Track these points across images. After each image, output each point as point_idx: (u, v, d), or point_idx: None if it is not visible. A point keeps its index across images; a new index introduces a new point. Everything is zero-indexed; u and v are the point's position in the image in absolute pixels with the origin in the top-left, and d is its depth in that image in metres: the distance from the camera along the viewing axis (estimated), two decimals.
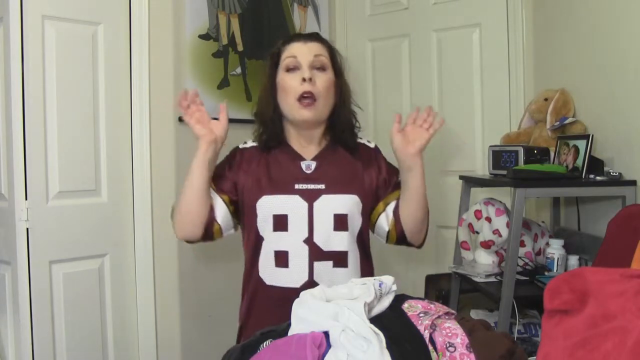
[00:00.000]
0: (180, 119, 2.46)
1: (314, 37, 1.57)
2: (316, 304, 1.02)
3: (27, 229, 2.07)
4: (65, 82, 2.16)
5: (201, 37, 2.54)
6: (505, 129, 2.54)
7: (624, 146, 1.93)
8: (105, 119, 2.29)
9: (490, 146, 2.23)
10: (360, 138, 1.64)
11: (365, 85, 3.06)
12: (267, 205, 1.50)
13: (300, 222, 1.48)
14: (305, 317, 1.02)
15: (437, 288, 2.53)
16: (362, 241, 1.56)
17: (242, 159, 1.58)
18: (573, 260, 2.01)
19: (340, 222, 1.50)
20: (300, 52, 1.52)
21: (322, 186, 1.51)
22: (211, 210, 1.52)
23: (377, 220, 1.57)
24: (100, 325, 2.28)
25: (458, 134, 2.78)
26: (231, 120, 2.62)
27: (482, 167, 2.63)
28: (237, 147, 1.62)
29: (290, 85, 1.50)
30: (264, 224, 1.50)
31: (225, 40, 2.64)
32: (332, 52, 1.58)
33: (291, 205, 1.49)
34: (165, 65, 2.41)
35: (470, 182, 2.40)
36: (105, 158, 2.29)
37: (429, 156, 2.85)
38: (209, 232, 1.53)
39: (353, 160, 1.58)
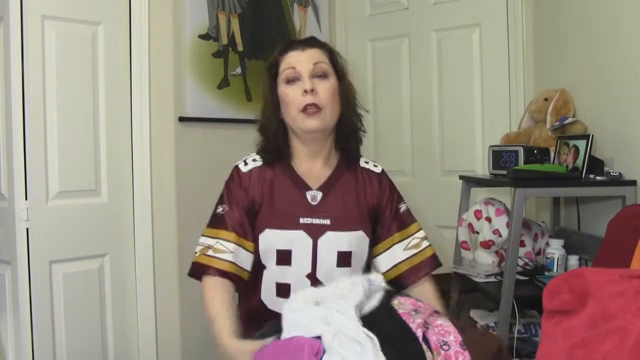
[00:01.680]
0: (180, 119, 2.46)
1: (312, 42, 1.51)
2: (306, 308, 1.01)
3: (27, 229, 2.07)
4: (65, 82, 2.16)
5: (201, 37, 2.54)
6: (505, 129, 2.54)
7: (624, 146, 1.93)
8: (105, 119, 2.29)
9: (490, 146, 2.23)
10: (367, 162, 1.58)
11: (365, 85, 3.06)
12: (271, 239, 1.45)
13: (303, 257, 1.44)
14: (296, 321, 1.01)
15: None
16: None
17: (249, 184, 1.48)
18: (573, 260, 2.01)
19: (344, 259, 1.45)
20: (298, 62, 1.45)
21: (328, 222, 1.44)
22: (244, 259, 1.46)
23: (377, 256, 1.53)
24: (100, 325, 2.28)
25: (458, 134, 2.78)
26: (231, 121, 2.66)
27: (482, 167, 2.63)
28: (237, 167, 1.52)
29: (292, 97, 1.43)
30: (267, 256, 1.46)
31: (225, 40, 2.64)
32: (333, 56, 1.51)
33: (295, 240, 1.44)
34: (165, 65, 2.41)
35: (470, 182, 2.40)
36: (105, 158, 2.29)
37: (429, 156, 2.89)
38: (241, 282, 1.47)
39: (358, 189, 1.51)
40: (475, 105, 2.74)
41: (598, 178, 1.89)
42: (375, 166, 1.58)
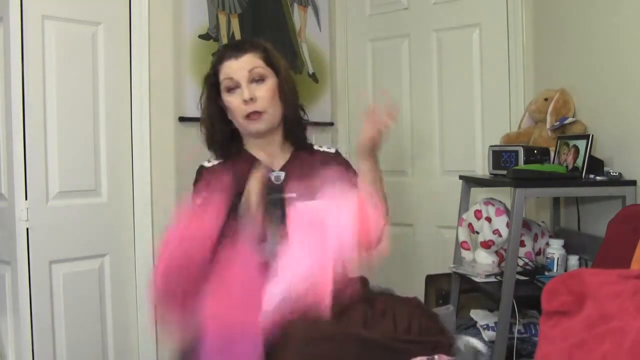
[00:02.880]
0: (181, 119, 2.46)
1: (245, 47, 1.57)
2: None
3: (27, 229, 2.07)
4: (65, 82, 2.16)
5: (201, 37, 2.54)
6: (505, 129, 2.54)
7: (624, 146, 1.93)
8: (105, 119, 2.29)
9: (490, 146, 2.23)
10: (321, 146, 1.68)
11: (365, 85, 3.06)
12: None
13: None
14: None
15: (437, 288, 2.53)
16: None
17: (212, 178, 1.55)
18: (573, 260, 2.01)
19: None
20: (234, 71, 1.53)
21: (294, 195, 1.52)
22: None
23: None
24: (100, 325, 2.28)
25: (458, 134, 2.78)
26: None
27: (482, 167, 2.63)
28: (202, 166, 1.64)
29: (235, 106, 1.53)
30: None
31: (225, 40, 2.63)
32: (268, 55, 1.57)
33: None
34: (165, 65, 2.41)
35: (470, 182, 2.40)
36: (105, 158, 2.29)
37: (429, 156, 2.88)
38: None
39: (316, 167, 1.57)
40: (475, 105, 2.74)
41: (598, 178, 1.89)
42: (329, 149, 1.70)
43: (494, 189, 2.51)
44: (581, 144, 1.95)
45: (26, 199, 2.07)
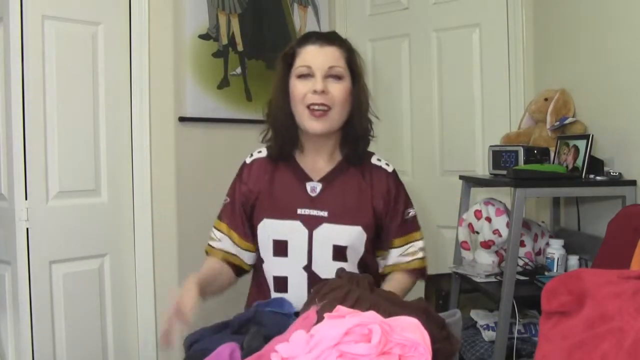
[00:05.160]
0: (181, 119, 2.47)
1: (332, 38, 1.47)
2: None
3: (27, 229, 2.07)
4: (65, 82, 2.16)
5: (201, 37, 2.54)
6: (505, 129, 2.53)
7: (624, 146, 1.93)
8: (105, 119, 2.29)
9: (490, 146, 2.22)
10: (379, 160, 1.56)
11: None
12: (268, 229, 1.46)
13: (299, 249, 1.44)
14: None
15: (437, 288, 2.52)
16: (365, 269, 1.48)
17: (249, 176, 1.52)
18: (573, 260, 2.01)
19: (340, 253, 1.44)
20: (314, 61, 1.42)
21: (325, 214, 1.44)
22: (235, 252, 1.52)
23: (379, 257, 1.55)
24: (100, 325, 2.28)
25: (458, 134, 2.78)
26: (231, 121, 2.66)
27: (482, 167, 2.63)
28: (244, 163, 1.56)
29: (301, 92, 1.42)
30: (265, 247, 1.48)
31: (225, 40, 2.63)
32: (351, 56, 1.48)
33: (291, 231, 1.45)
34: (165, 65, 2.41)
35: (470, 182, 2.40)
36: (105, 158, 2.29)
37: (429, 156, 2.88)
38: (241, 272, 1.55)
39: (363, 185, 1.49)
40: (475, 105, 2.74)
41: (598, 178, 1.89)
42: (387, 165, 1.56)
43: (494, 189, 2.51)
44: (581, 144, 1.95)
45: (26, 199, 2.07)
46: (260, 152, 1.56)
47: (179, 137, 2.45)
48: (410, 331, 0.87)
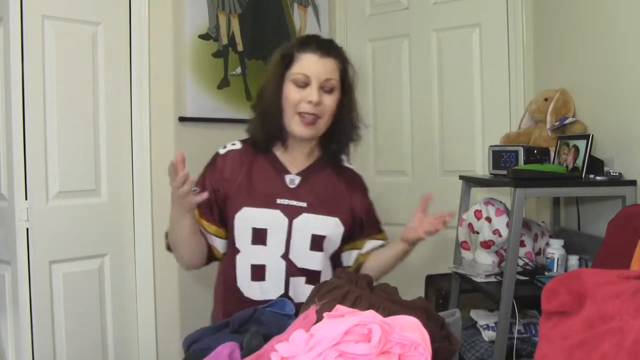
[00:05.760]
0: (181, 119, 2.47)
1: (330, 49, 1.50)
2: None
3: (27, 229, 2.07)
4: (65, 82, 2.16)
5: (201, 37, 2.54)
6: (505, 129, 2.53)
7: (624, 146, 1.93)
8: (105, 119, 2.29)
9: (490, 146, 2.22)
10: (350, 164, 1.65)
11: (365, 85, 3.05)
12: (247, 218, 1.49)
13: (279, 237, 1.48)
14: None
15: (437, 288, 2.52)
16: (336, 262, 1.58)
17: (224, 166, 1.54)
18: (573, 260, 2.01)
19: (317, 243, 1.50)
20: (312, 71, 1.46)
21: (304, 204, 1.50)
22: (206, 238, 1.53)
23: (346, 251, 1.61)
24: (100, 325, 2.28)
25: (458, 134, 2.78)
26: (231, 121, 2.66)
27: (482, 167, 2.63)
28: (217, 153, 1.59)
29: (295, 99, 1.47)
30: (242, 236, 1.50)
31: (225, 40, 2.64)
32: (345, 69, 1.52)
33: (272, 219, 1.48)
34: (165, 65, 2.41)
35: (470, 182, 2.40)
36: (105, 158, 2.29)
37: (429, 156, 2.88)
38: (212, 258, 1.56)
39: (338, 183, 1.58)
40: (475, 105, 2.74)
41: (598, 178, 1.89)
42: (357, 171, 1.67)
43: (494, 189, 2.51)
44: (581, 144, 1.95)
45: (26, 199, 2.07)
46: (234, 144, 1.59)
47: (179, 137, 2.45)
48: (410, 330, 0.88)
